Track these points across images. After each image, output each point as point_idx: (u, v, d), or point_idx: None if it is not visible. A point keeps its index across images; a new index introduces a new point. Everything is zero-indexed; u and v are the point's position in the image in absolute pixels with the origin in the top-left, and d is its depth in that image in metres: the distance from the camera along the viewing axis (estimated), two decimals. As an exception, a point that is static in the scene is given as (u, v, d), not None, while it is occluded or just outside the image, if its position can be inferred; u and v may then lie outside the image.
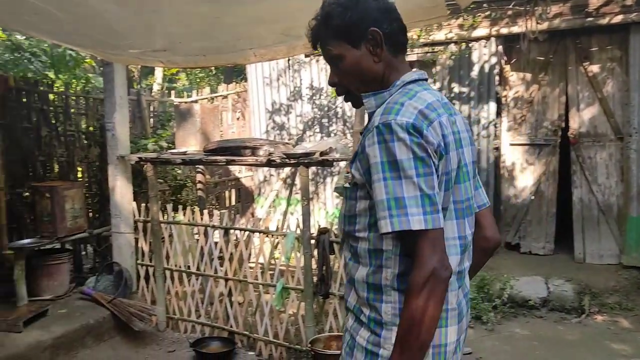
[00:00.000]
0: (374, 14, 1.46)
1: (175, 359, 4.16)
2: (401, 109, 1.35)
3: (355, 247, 1.48)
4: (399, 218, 1.29)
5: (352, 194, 1.47)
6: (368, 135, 1.37)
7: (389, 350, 1.37)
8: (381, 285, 1.41)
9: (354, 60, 1.48)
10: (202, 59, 3.54)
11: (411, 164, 1.30)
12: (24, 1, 2.44)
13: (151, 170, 4.66)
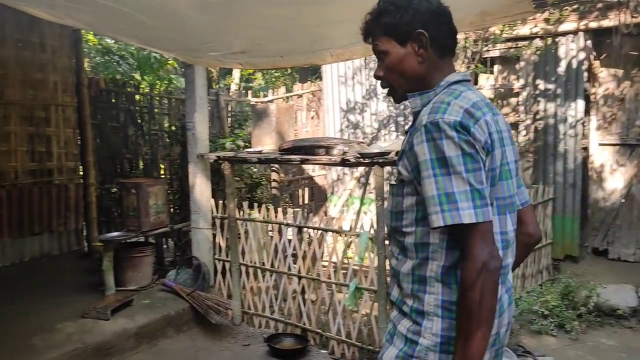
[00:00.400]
0: (423, 16, 1.52)
1: (249, 353, 4.26)
2: (448, 108, 1.40)
3: (402, 241, 1.54)
4: (450, 212, 1.34)
5: (398, 191, 1.53)
6: (416, 134, 1.43)
7: (428, 339, 1.44)
8: (426, 277, 1.47)
9: (398, 58, 1.55)
10: (279, 60, 3.61)
11: (460, 160, 1.36)
12: (116, 9, 2.59)
13: (228, 168, 4.79)
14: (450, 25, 1.57)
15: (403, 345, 1.49)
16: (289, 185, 7.62)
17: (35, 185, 5.78)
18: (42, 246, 5.87)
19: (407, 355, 1.48)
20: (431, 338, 1.44)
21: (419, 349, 1.46)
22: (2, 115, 5.50)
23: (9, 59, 5.52)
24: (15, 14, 5.44)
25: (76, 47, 6.12)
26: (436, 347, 1.44)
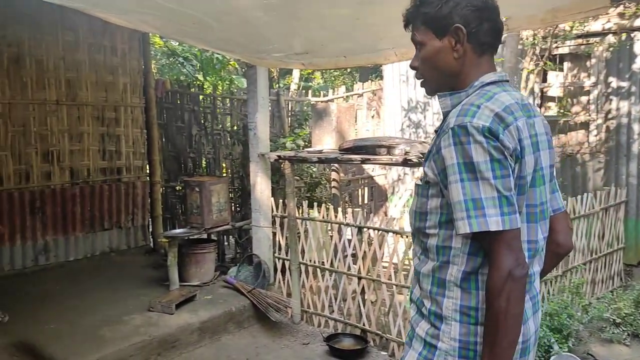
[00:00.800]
0: (464, 11, 1.46)
1: (309, 351, 4.29)
2: (477, 112, 1.36)
3: (425, 242, 1.51)
4: (477, 219, 1.32)
5: (424, 192, 1.50)
6: (444, 137, 1.38)
7: (447, 344, 1.43)
8: (445, 281, 1.45)
9: (433, 51, 1.50)
10: (342, 60, 3.61)
11: (488, 166, 1.32)
12: (185, 13, 2.67)
13: (289, 167, 4.83)
14: (494, 23, 1.50)
15: (422, 348, 1.49)
16: (348, 184, 7.63)
17: (106, 182, 6.04)
18: (111, 241, 6.13)
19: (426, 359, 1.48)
20: (450, 342, 1.43)
21: (438, 353, 1.45)
22: (76, 116, 5.77)
23: (82, 63, 5.79)
24: (88, 20, 5.70)
25: (144, 50, 6.35)
26: (455, 351, 1.43)
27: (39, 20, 5.40)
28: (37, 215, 5.51)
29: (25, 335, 3.95)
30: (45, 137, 5.56)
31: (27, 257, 5.46)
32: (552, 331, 3.86)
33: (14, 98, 5.31)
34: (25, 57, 5.36)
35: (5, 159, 5.27)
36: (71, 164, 5.77)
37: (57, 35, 5.58)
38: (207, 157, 6.91)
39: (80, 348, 3.75)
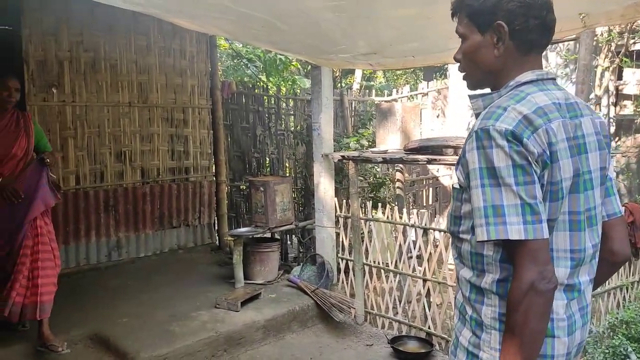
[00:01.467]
0: (509, 6, 1.38)
1: (373, 353, 4.27)
2: (502, 114, 1.30)
3: (459, 247, 1.48)
4: (496, 227, 1.26)
5: (458, 195, 1.46)
6: (468, 140, 1.35)
7: (488, 354, 1.38)
8: (482, 289, 1.41)
9: (474, 45, 1.45)
10: (410, 60, 3.57)
11: (510, 172, 1.26)
12: (255, 16, 2.71)
13: (353, 168, 4.83)
14: (542, 19, 1.40)
15: (465, 358, 1.45)
16: (412, 185, 7.54)
17: (174, 182, 6.23)
18: (179, 239, 6.32)
19: None
20: (490, 352, 1.38)
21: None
22: (147, 117, 5.99)
23: (153, 66, 5.99)
24: (159, 24, 5.91)
25: (211, 53, 6.50)
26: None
27: (114, 25, 5.63)
28: (110, 212, 5.75)
29: (100, 328, 4.12)
30: (118, 138, 5.79)
31: (101, 253, 5.71)
32: (629, 340, 3.67)
33: (90, 101, 5.56)
34: (101, 62, 5.60)
35: (82, 159, 5.54)
36: (142, 163, 5.99)
37: (130, 39, 5.81)
38: (271, 157, 7.01)
39: (152, 342, 3.87)
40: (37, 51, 5.16)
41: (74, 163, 5.48)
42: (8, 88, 3.70)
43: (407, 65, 3.99)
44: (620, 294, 4.36)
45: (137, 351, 3.75)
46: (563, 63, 7.34)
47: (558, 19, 2.47)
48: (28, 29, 5.09)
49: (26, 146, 3.75)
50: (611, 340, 3.71)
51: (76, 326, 4.13)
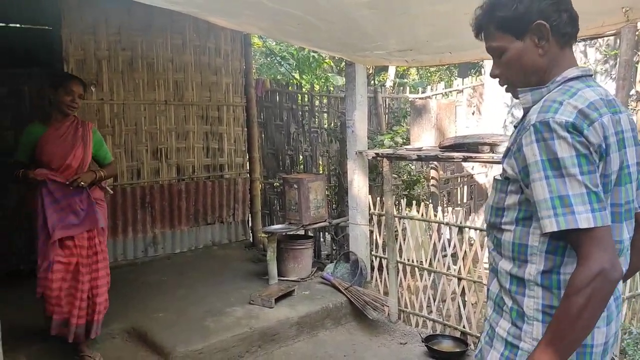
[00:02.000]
0: (541, 5, 1.42)
1: (406, 352, 4.24)
2: (560, 108, 1.32)
3: (499, 238, 1.49)
4: (565, 217, 1.27)
5: (502, 187, 1.48)
6: (524, 134, 1.35)
7: (529, 344, 1.39)
8: (525, 280, 1.42)
9: (516, 53, 1.46)
10: (447, 56, 3.53)
11: (574, 162, 1.28)
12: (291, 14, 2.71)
13: (387, 165, 4.79)
14: (570, 12, 1.45)
15: (503, 349, 1.47)
16: (446, 183, 7.45)
17: (209, 179, 6.31)
18: (214, 235, 6.39)
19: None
20: (532, 343, 1.40)
21: (520, 353, 1.43)
22: (182, 115, 6.07)
23: (188, 64, 6.07)
24: (194, 23, 5.98)
25: (246, 51, 6.55)
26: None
27: (151, 25, 5.73)
28: (147, 209, 5.85)
29: (138, 322, 4.20)
30: (154, 136, 5.89)
31: (138, 249, 5.82)
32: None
33: (128, 99, 5.67)
34: (138, 60, 5.71)
35: (120, 156, 5.65)
36: (177, 161, 6.08)
37: (166, 38, 5.90)
38: (305, 154, 7.02)
39: (187, 337, 3.93)
40: (76, 50, 5.29)
41: (112, 160, 5.60)
42: (71, 93, 3.48)
43: (444, 61, 3.94)
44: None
45: (173, 346, 3.81)
46: (602, 59, 7.15)
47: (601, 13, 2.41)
48: (68, 29, 5.22)
49: (82, 157, 3.56)
50: (654, 342, 3.61)
51: (115, 320, 4.20)
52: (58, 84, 3.48)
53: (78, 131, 3.59)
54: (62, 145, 3.50)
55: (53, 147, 3.46)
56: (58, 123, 3.53)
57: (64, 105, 3.47)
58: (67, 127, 3.56)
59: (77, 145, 3.54)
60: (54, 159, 3.46)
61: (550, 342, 1.30)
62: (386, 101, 7.77)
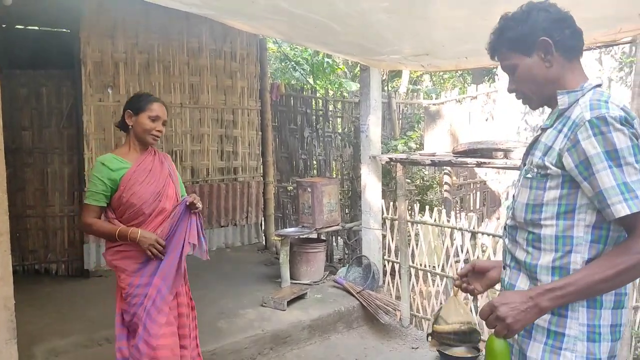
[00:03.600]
0: (543, 24, 1.57)
1: (418, 356, 4.24)
2: (608, 105, 1.45)
3: (538, 234, 1.56)
4: (633, 201, 1.38)
5: (539, 184, 1.56)
6: (579, 130, 1.45)
7: (575, 329, 1.49)
8: (570, 269, 1.50)
9: (527, 68, 1.61)
10: (463, 61, 3.54)
11: (631, 151, 1.41)
12: (309, 17, 2.74)
13: (400, 170, 4.80)
14: (573, 28, 1.60)
15: (547, 338, 1.53)
16: (459, 188, 7.44)
17: (223, 182, 6.34)
18: (227, 238, 6.42)
19: (555, 348, 1.52)
20: (578, 328, 1.49)
21: (567, 339, 1.50)
22: (197, 118, 6.12)
23: (204, 68, 6.13)
24: (210, 26, 6.04)
25: (261, 55, 6.60)
26: (583, 335, 1.49)
27: (167, 28, 5.79)
28: (161, 210, 5.89)
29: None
30: (170, 138, 5.94)
31: (152, 250, 5.86)
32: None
33: (144, 101, 5.72)
34: (154, 63, 5.77)
35: (135, 157, 5.70)
36: (192, 163, 6.12)
37: (183, 42, 5.96)
38: (318, 158, 7.05)
39: (201, 338, 3.92)
40: (94, 52, 5.36)
41: (127, 162, 5.65)
42: (157, 118, 2.75)
43: (460, 66, 3.96)
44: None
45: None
46: (618, 66, 7.11)
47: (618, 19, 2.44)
48: (86, 31, 5.29)
49: (174, 197, 2.84)
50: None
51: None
52: (139, 107, 2.75)
53: (164, 165, 2.86)
54: (154, 184, 2.74)
55: (144, 187, 2.70)
56: (140, 155, 2.78)
57: (147, 134, 2.74)
58: (152, 160, 2.80)
59: (168, 183, 2.82)
60: (147, 202, 2.70)
61: (559, 288, 1.43)
62: (400, 107, 7.78)
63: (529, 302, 1.45)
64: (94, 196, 2.71)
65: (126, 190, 2.67)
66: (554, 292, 1.44)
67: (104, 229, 2.71)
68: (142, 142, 2.78)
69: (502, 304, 1.47)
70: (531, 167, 1.60)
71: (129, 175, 2.69)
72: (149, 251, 2.67)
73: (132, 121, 2.75)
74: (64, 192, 5.56)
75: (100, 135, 5.44)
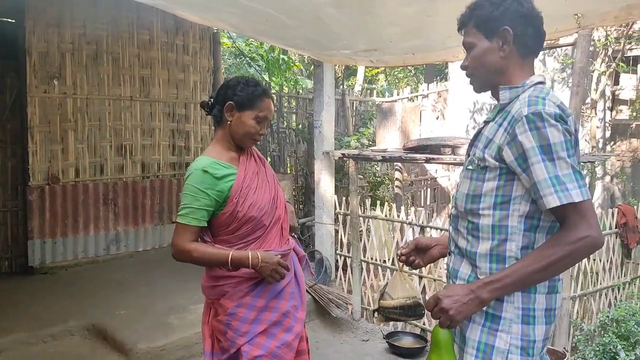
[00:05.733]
0: (512, 15, 1.62)
1: (369, 348, 4.29)
2: (545, 102, 1.52)
3: (476, 223, 1.63)
4: (563, 193, 1.46)
5: (479, 176, 1.63)
6: (517, 125, 1.52)
7: (511, 313, 1.56)
8: (505, 257, 1.58)
9: (482, 50, 1.66)
10: (410, 57, 3.62)
11: (563, 146, 1.47)
12: (260, 10, 2.75)
13: (353, 165, 4.85)
14: (537, 29, 1.66)
15: (485, 320, 1.60)
16: (410, 185, 7.57)
17: (175, 177, 6.27)
18: (178, 234, 6.33)
19: (492, 330, 1.59)
20: (514, 311, 1.56)
21: (503, 322, 1.57)
22: (148, 112, 6.02)
23: (155, 60, 6.03)
24: (162, 19, 5.95)
25: (214, 49, 6.54)
26: (518, 318, 1.57)
27: (116, 19, 5.67)
28: (110, 206, 5.78)
29: (98, 319, 4.14)
30: (119, 132, 5.82)
31: (100, 246, 5.74)
32: (619, 338, 3.72)
33: (91, 93, 5.59)
34: (103, 54, 5.64)
35: (82, 151, 5.57)
36: (142, 158, 6.02)
37: (133, 33, 5.85)
38: (272, 154, 7.04)
39: (149, 334, 3.89)
40: (39, 43, 5.20)
41: (73, 155, 5.51)
42: (264, 119, 2.23)
43: (407, 62, 4.05)
44: (612, 294, 4.40)
45: (134, 342, 3.77)
46: (560, 67, 7.40)
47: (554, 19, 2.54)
48: (32, 21, 5.13)
49: (284, 201, 2.37)
50: (602, 338, 3.75)
51: (73, 317, 4.16)
52: (249, 103, 2.19)
53: (266, 165, 2.39)
54: (267, 189, 2.27)
55: (259, 194, 2.22)
56: (242, 156, 2.26)
57: (248, 138, 2.22)
58: (256, 162, 2.31)
59: (277, 186, 2.36)
60: (267, 212, 2.23)
61: (497, 280, 1.52)
62: (354, 104, 7.85)
63: (470, 294, 1.53)
64: (194, 214, 2.11)
65: (242, 202, 2.14)
66: (493, 284, 1.52)
67: (211, 255, 2.13)
68: (239, 142, 2.23)
69: (445, 297, 1.54)
70: (473, 159, 1.66)
71: (239, 182, 2.16)
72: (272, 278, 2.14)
73: (232, 117, 2.18)
74: (7, 187, 5.37)
75: (45, 128, 5.29)
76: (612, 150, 7.04)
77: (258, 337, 2.16)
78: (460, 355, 1.64)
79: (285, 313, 2.21)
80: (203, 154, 2.20)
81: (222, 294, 2.20)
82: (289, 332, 2.21)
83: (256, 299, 2.17)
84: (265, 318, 2.18)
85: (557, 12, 2.67)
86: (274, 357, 2.16)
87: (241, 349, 2.16)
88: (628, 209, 4.50)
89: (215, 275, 2.21)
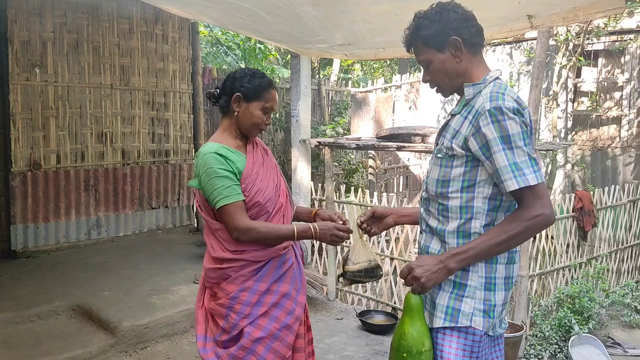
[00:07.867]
0: (454, 24, 1.79)
1: (342, 326, 4.54)
2: (504, 97, 1.70)
3: (445, 205, 1.83)
4: (521, 177, 1.65)
5: (447, 163, 1.82)
6: (481, 118, 1.71)
7: (475, 281, 1.77)
8: (470, 233, 1.79)
9: (440, 63, 1.83)
10: (381, 51, 3.85)
11: (521, 137, 1.67)
12: (240, 6, 2.93)
13: (328, 153, 5.07)
14: (476, 26, 1.83)
15: (452, 288, 1.80)
16: (384, 173, 7.82)
17: (154, 164, 6.40)
18: (158, 219, 6.50)
19: (459, 296, 1.79)
20: (478, 280, 1.77)
21: (468, 289, 1.78)
22: (128, 100, 6.14)
23: (135, 50, 6.14)
24: (142, 9, 6.05)
25: (193, 39, 6.67)
26: (481, 286, 1.78)
27: (97, 8, 5.76)
28: (90, 192, 5.90)
29: (82, 300, 4.28)
30: (99, 119, 5.93)
31: (81, 231, 5.86)
32: (573, 313, 4.02)
33: (72, 81, 5.69)
34: (83, 43, 5.73)
35: (63, 138, 5.67)
36: (123, 145, 6.14)
37: (113, 23, 5.94)
38: (249, 142, 7.19)
39: (133, 313, 4.06)
40: (21, 31, 5.27)
41: (55, 142, 5.61)
42: (269, 109, 2.30)
43: (379, 56, 4.27)
44: (569, 273, 4.71)
45: (119, 320, 3.93)
46: (525, 61, 7.71)
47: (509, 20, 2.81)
48: (13, 10, 5.20)
49: (286, 190, 2.43)
50: (557, 313, 4.05)
51: (58, 298, 4.28)
52: (255, 94, 2.26)
53: (269, 154, 2.47)
54: (271, 177, 2.35)
55: (265, 182, 2.30)
56: (248, 145, 2.34)
57: (255, 128, 2.29)
58: (260, 151, 2.40)
59: (279, 175, 2.45)
60: (271, 199, 2.30)
61: (463, 252, 1.72)
62: (329, 94, 8.05)
63: (439, 264, 1.73)
64: (233, 190, 2.15)
65: (250, 187, 2.21)
66: (459, 255, 1.72)
67: (278, 230, 2.20)
68: (245, 132, 2.30)
69: (417, 266, 1.74)
70: (442, 148, 1.84)
71: (248, 169, 2.23)
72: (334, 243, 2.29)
73: (239, 107, 2.25)
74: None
75: (27, 115, 5.38)
76: (573, 140, 7.38)
77: (259, 319, 2.21)
78: (430, 320, 1.83)
79: (285, 295, 2.26)
80: (210, 140, 2.28)
81: (224, 278, 2.21)
82: (290, 314, 2.26)
83: (259, 282, 2.20)
84: (266, 301, 2.22)
85: (511, 14, 2.92)
86: (275, 338, 2.22)
87: (243, 330, 2.20)
88: (584, 194, 4.80)
89: (220, 258, 2.22)
